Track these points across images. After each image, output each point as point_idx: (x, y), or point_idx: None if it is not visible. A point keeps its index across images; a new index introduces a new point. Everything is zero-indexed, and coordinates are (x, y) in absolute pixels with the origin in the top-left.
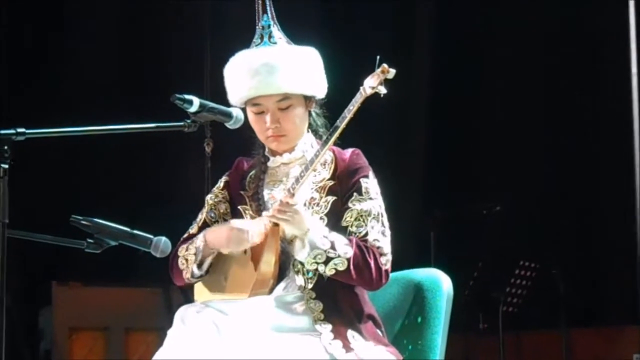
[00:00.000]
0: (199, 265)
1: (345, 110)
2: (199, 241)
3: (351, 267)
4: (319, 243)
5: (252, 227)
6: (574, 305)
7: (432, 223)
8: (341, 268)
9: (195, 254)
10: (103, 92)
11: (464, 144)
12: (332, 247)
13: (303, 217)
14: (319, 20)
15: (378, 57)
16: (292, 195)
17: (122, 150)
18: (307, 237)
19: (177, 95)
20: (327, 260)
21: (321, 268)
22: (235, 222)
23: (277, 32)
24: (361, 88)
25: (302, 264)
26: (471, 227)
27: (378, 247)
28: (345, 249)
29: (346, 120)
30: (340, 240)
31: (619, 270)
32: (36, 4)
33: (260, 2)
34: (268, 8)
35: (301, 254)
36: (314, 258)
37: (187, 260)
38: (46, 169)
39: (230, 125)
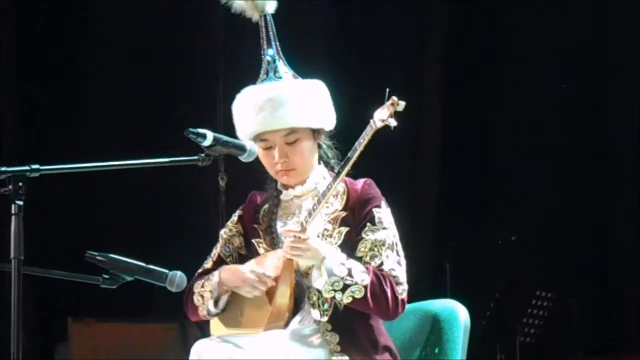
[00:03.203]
0: (215, 303)
1: (356, 143)
2: (214, 279)
3: (368, 295)
4: (336, 270)
5: (267, 267)
6: (590, 334)
7: (447, 254)
8: (358, 296)
9: (211, 292)
10: (116, 127)
11: (479, 173)
12: (349, 275)
13: (317, 249)
14: (327, 50)
15: (387, 89)
16: (304, 229)
17: (137, 185)
18: (323, 264)
19: (191, 130)
20: (345, 288)
21: (338, 296)
22: (251, 266)
23: (282, 66)
24: (371, 121)
25: (318, 295)
26: (487, 258)
27: (394, 276)
28: (362, 276)
29: (357, 153)
30: (357, 267)
31: (635, 300)
32: (48, 36)
33: (264, 35)
34: (273, 42)
35: (318, 282)
36: (332, 285)
37: (202, 297)
38: (61, 205)
39: (244, 158)
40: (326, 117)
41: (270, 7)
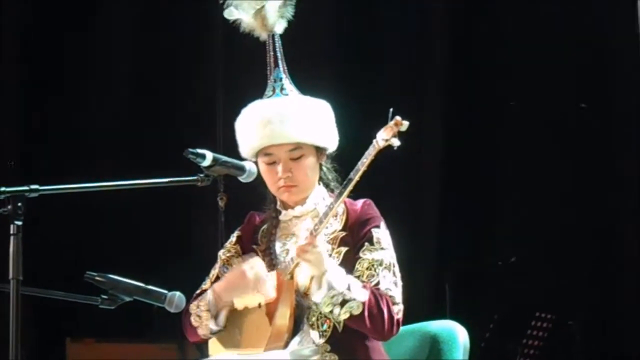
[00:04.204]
0: (215, 320)
1: (359, 163)
2: (209, 296)
3: (365, 312)
4: (336, 284)
5: (267, 288)
6: (591, 357)
7: (447, 274)
8: (356, 312)
9: (208, 310)
10: (115, 148)
11: (479, 195)
12: (349, 289)
13: (323, 258)
14: (332, 74)
15: (391, 109)
16: (315, 236)
17: (135, 205)
18: (324, 277)
19: (190, 150)
20: (343, 303)
21: (336, 310)
22: (247, 268)
23: (288, 84)
24: (374, 141)
25: (317, 316)
26: (486, 279)
27: (391, 296)
28: (361, 292)
29: (360, 173)
30: (356, 283)
31: (636, 321)
32: (46, 58)
33: (272, 55)
34: (280, 62)
35: (318, 294)
36: (331, 299)
37: (200, 317)
38: (59, 225)
39: (243, 178)
40: (331, 137)
41: (280, 27)
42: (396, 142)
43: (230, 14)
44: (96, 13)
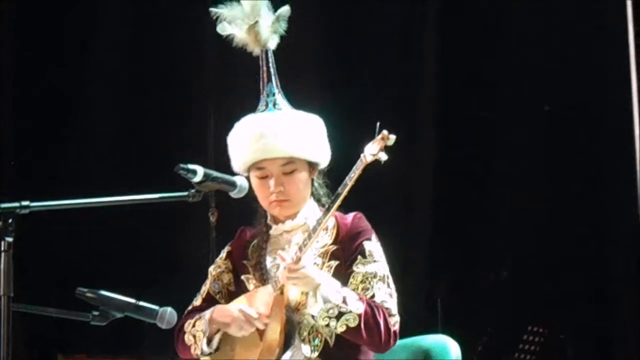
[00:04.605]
0: (208, 342)
1: (347, 178)
2: (205, 318)
3: (362, 324)
4: (331, 297)
5: (257, 303)
6: None
7: (439, 289)
8: (352, 324)
9: (203, 331)
10: (107, 163)
11: (471, 209)
12: (344, 302)
13: (312, 277)
14: (320, 88)
15: (378, 123)
16: (299, 258)
17: (127, 221)
18: (319, 291)
19: (181, 165)
20: (339, 315)
21: (332, 323)
22: (241, 305)
23: (281, 99)
24: (362, 155)
25: (308, 330)
26: (479, 293)
27: (387, 308)
28: (357, 304)
29: (347, 188)
30: (352, 295)
31: (627, 336)
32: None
33: (265, 70)
34: (273, 77)
35: (314, 308)
36: (327, 312)
37: (194, 336)
38: (51, 241)
39: (234, 194)
40: (323, 153)
41: (273, 42)
42: (383, 157)
43: (223, 29)
44: (88, 31)
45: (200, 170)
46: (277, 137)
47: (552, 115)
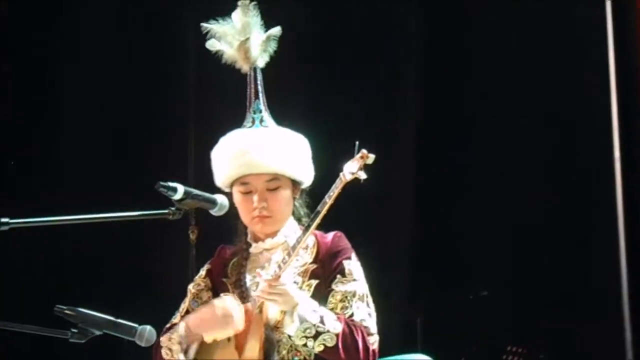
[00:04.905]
0: (185, 353)
1: (326, 196)
2: (181, 329)
3: (339, 344)
4: (308, 317)
5: (235, 311)
6: None
7: (418, 308)
8: (330, 344)
9: (179, 343)
10: (86, 181)
11: (450, 228)
12: (322, 322)
13: (291, 294)
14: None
15: (357, 142)
16: (278, 276)
17: (106, 238)
18: (296, 311)
19: (162, 183)
20: (317, 335)
21: (310, 343)
22: (218, 303)
23: (268, 117)
24: (341, 174)
25: (287, 349)
26: (458, 312)
27: (365, 327)
28: (334, 324)
29: (327, 206)
30: (329, 315)
31: (607, 356)
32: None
33: (252, 87)
34: (260, 95)
35: (290, 328)
36: (304, 332)
37: (171, 350)
38: (29, 258)
39: (214, 212)
40: (307, 172)
41: (262, 61)
42: (363, 175)
43: (213, 45)
44: (67, 47)
45: (180, 188)
46: (262, 153)
47: (532, 133)
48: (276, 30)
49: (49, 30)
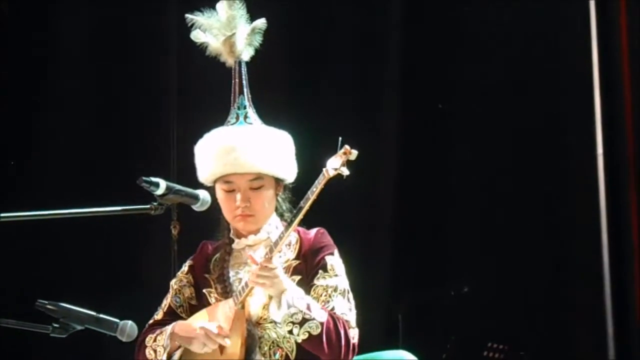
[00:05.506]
0: (169, 357)
1: (309, 192)
2: (167, 333)
3: (323, 333)
4: (296, 302)
5: (218, 317)
6: None
7: (399, 305)
8: (315, 332)
9: (164, 346)
10: (68, 175)
11: (432, 224)
12: (308, 309)
13: (280, 279)
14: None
15: (340, 138)
16: (270, 258)
17: (88, 233)
18: (284, 296)
19: (144, 178)
20: (303, 322)
21: (295, 330)
22: (203, 322)
23: (252, 113)
24: (324, 170)
25: (269, 345)
26: (439, 309)
27: (347, 320)
28: (320, 312)
29: (310, 202)
30: (315, 304)
31: (588, 353)
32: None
33: (237, 82)
34: (245, 90)
35: (278, 313)
36: (291, 317)
37: (155, 351)
38: (10, 253)
39: (197, 207)
40: (290, 169)
41: (247, 54)
42: (345, 171)
43: (197, 37)
44: (51, 45)
45: (162, 183)
46: (247, 152)
47: (516, 129)
48: (261, 22)
49: (31, 29)
